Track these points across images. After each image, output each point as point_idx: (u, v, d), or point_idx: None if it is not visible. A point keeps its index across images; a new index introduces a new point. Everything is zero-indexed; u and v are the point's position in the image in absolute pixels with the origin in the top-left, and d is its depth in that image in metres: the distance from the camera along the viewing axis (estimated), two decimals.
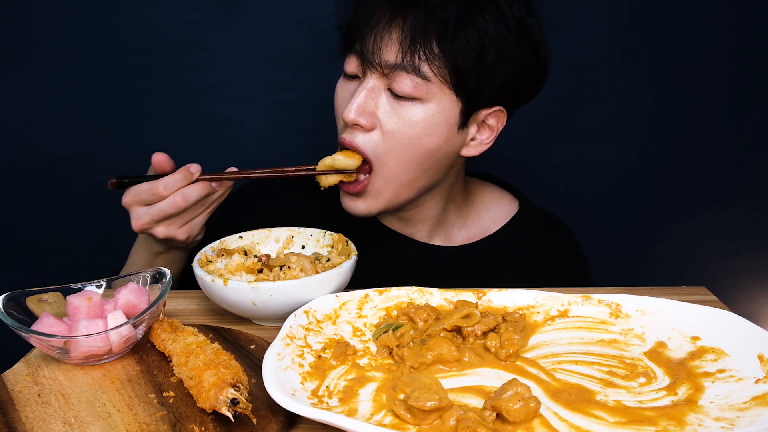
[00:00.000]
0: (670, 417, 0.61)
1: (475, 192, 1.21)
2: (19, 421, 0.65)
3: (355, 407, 0.65)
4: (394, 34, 0.95)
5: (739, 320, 0.73)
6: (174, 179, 0.93)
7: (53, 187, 1.55)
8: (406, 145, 0.98)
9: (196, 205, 0.96)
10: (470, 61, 0.94)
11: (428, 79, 0.95)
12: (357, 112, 0.97)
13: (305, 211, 1.17)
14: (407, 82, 0.95)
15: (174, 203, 0.93)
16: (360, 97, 0.97)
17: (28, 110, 1.50)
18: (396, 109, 0.97)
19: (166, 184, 0.93)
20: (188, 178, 0.94)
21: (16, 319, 0.74)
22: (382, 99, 0.98)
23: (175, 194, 0.93)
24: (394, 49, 0.95)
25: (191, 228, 0.97)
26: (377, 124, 0.99)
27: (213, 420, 0.64)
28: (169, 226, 0.95)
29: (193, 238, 1.00)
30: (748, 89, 1.49)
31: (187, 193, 0.93)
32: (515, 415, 0.60)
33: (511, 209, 1.20)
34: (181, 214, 0.95)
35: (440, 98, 0.97)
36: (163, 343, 0.76)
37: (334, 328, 0.80)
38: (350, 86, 1.02)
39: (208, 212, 0.99)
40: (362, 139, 0.99)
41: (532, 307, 0.84)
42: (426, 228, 1.16)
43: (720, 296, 0.92)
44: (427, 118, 0.97)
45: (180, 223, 0.96)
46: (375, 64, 0.96)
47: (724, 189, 1.58)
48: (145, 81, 1.48)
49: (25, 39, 1.45)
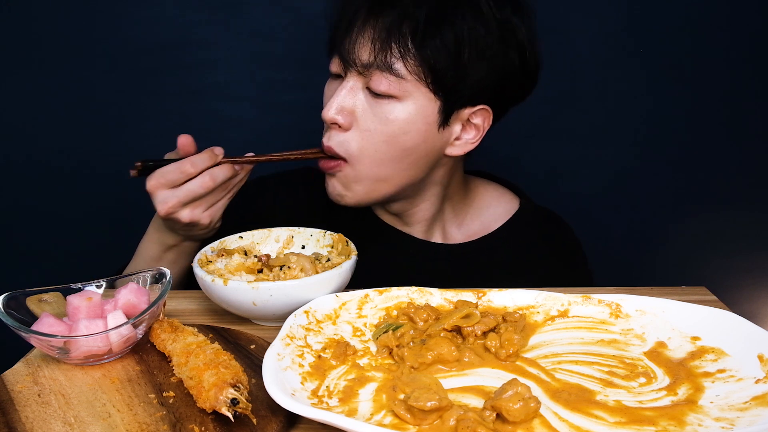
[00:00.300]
0: (670, 417, 0.61)
1: (476, 190, 1.21)
2: (19, 421, 0.65)
3: (355, 407, 0.65)
4: (367, 34, 0.96)
5: (739, 320, 0.73)
6: (201, 158, 0.94)
7: (53, 187, 1.55)
8: (381, 142, 0.99)
9: (220, 188, 0.97)
10: (445, 59, 0.94)
11: (402, 77, 0.96)
12: (336, 111, 0.99)
13: (305, 206, 1.18)
14: (382, 80, 0.96)
15: (203, 183, 0.94)
16: (339, 96, 0.99)
17: (29, 110, 1.50)
18: (373, 108, 0.98)
19: (194, 162, 0.93)
20: (213, 159, 0.95)
21: (16, 319, 0.74)
22: (360, 98, 0.99)
23: (204, 174, 0.94)
24: (367, 48, 0.96)
25: (214, 212, 0.98)
26: (354, 122, 1.00)
27: (213, 420, 0.64)
28: (194, 209, 0.96)
29: (214, 223, 1.00)
30: (748, 89, 1.49)
31: (215, 173, 0.94)
32: (515, 415, 0.60)
33: (511, 207, 1.21)
34: (206, 197, 0.96)
35: (417, 96, 0.97)
36: (163, 343, 0.76)
37: (334, 328, 0.80)
38: (333, 86, 1.03)
39: (229, 197, 1.00)
40: (337, 140, 1.01)
41: (532, 307, 0.84)
42: (423, 226, 1.16)
43: (720, 296, 0.92)
44: (403, 116, 0.98)
45: (205, 206, 0.97)
46: (351, 63, 0.97)
47: (724, 189, 1.58)
48: (145, 81, 1.48)
49: (25, 39, 1.45)
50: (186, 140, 0.97)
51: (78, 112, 1.50)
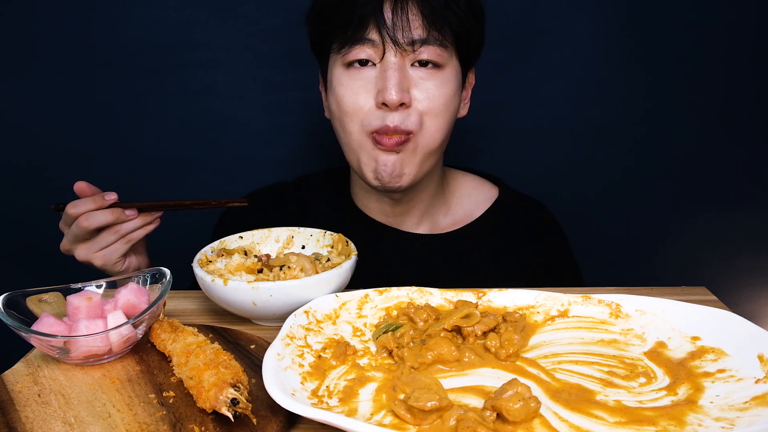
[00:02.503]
0: (670, 417, 0.61)
1: (455, 180, 1.25)
2: (19, 421, 0.65)
3: (355, 407, 0.65)
4: (413, 11, 0.98)
5: (739, 320, 0.73)
6: (81, 201, 1.00)
7: (53, 187, 1.54)
8: (442, 109, 1.03)
9: (108, 232, 1.01)
10: (465, 24, 1.02)
11: (447, 47, 1.01)
12: (399, 92, 0.98)
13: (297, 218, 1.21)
14: (432, 52, 0.99)
15: (78, 224, 0.99)
16: (395, 77, 0.98)
17: (28, 110, 1.50)
18: (426, 81, 1.01)
19: (74, 204, 0.99)
20: (98, 202, 0.99)
21: (16, 319, 0.74)
22: (412, 73, 1.01)
23: (81, 216, 0.98)
24: (418, 24, 0.98)
25: (107, 254, 1.02)
26: (414, 98, 1.01)
27: (213, 420, 0.64)
28: (85, 250, 1.01)
29: (110, 266, 1.04)
30: (748, 89, 1.49)
31: (91, 216, 0.99)
32: (515, 415, 0.60)
33: (491, 195, 1.24)
34: (94, 239, 1.01)
35: (452, 64, 1.04)
36: (163, 343, 0.76)
37: (334, 328, 0.80)
38: (364, 74, 1.01)
39: (124, 243, 1.03)
40: (402, 117, 1.00)
41: (532, 307, 0.84)
42: (416, 215, 1.19)
43: (720, 296, 0.92)
44: (449, 82, 1.03)
45: (95, 247, 1.01)
46: (401, 42, 0.98)
47: (724, 189, 1.57)
48: (145, 81, 1.48)
49: (25, 39, 1.45)
50: (80, 186, 1.01)
51: (78, 112, 1.50)
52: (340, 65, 1.03)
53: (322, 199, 1.25)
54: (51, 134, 1.51)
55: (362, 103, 1.01)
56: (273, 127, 1.53)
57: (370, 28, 0.99)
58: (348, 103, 1.02)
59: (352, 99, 1.02)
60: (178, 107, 1.50)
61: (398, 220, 1.19)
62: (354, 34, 0.99)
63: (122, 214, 1.00)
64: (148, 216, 1.04)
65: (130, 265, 1.07)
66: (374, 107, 1.00)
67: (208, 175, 1.55)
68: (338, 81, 1.04)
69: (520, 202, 1.25)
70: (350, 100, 1.02)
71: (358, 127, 1.03)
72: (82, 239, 1.01)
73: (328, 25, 1.03)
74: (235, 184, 1.52)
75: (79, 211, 0.98)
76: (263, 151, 1.55)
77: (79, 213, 0.98)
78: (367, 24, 0.98)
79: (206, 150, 1.53)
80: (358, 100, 1.01)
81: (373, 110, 1.01)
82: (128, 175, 1.54)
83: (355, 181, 1.21)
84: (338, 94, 1.04)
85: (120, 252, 1.03)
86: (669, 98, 1.50)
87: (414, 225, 1.20)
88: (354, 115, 1.02)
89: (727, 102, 1.50)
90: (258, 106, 1.51)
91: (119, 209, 1.00)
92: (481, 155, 1.56)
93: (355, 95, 1.02)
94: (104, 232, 1.01)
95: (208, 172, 1.55)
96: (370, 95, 1.01)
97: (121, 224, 1.01)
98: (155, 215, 1.05)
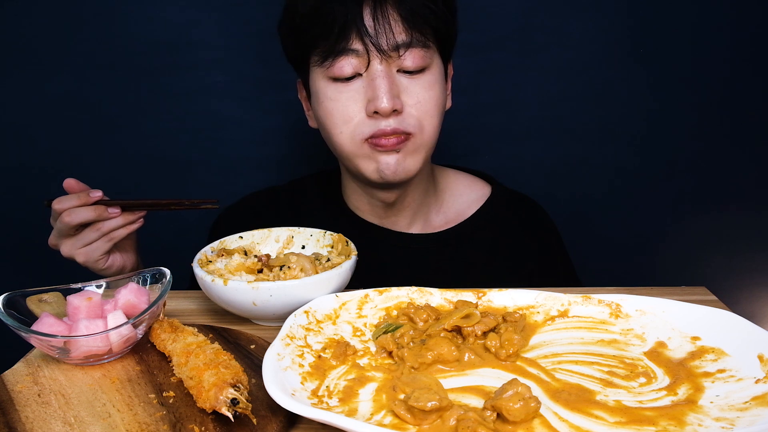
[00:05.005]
0: (670, 417, 0.61)
1: (447, 179, 1.25)
2: (19, 421, 0.65)
3: (355, 407, 0.65)
4: (391, 16, 0.97)
5: (739, 320, 0.73)
6: (67, 197, 1.01)
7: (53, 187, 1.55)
8: (434, 108, 1.03)
9: (90, 229, 1.02)
10: (444, 20, 1.01)
11: (429, 47, 1.01)
12: (391, 100, 0.97)
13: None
14: (416, 56, 0.99)
15: (61, 219, 1.00)
16: (385, 86, 0.97)
17: (27, 110, 1.50)
18: (414, 83, 1.01)
19: (60, 200, 1.00)
20: (82, 199, 1.00)
21: (16, 319, 0.74)
22: (399, 79, 1.00)
23: (64, 212, 1.00)
24: (399, 29, 0.97)
25: (89, 252, 1.03)
26: (405, 102, 1.01)
27: (213, 420, 0.64)
28: (69, 246, 1.03)
29: (92, 263, 1.05)
30: (748, 89, 1.49)
31: (73, 212, 1.00)
32: (515, 415, 0.60)
33: (483, 194, 1.24)
34: (77, 236, 1.02)
35: (435, 62, 1.04)
36: (163, 343, 0.76)
37: (334, 328, 0.80)
38: (351, 86, 1.00)
39: (106, 240, 1.03)
40: (398, 121, 1.00)
41: (532, 307, 0.84)
42: (408, 214, 1.19)
43: (720, 296, 0.92)
44: (436, 82, 1.03)
45: (78, 243, 1.02)
46: (386, 48, 0.97)
47: (724, 189, 1.57)
48: (145, 81, 1.48)
49: (24, 39, 1.45)
50: (69, 182, 1.03)
51: (77, 113, 1.50)
52: (323, 78, 1.01)
53: (314, 203, 1.25)
54: (50, 133, 1.51)
55: (352, 114, 1.00)
56: (273, 127, 1.53)
57: (352, 37, 0.96)
58: (337, 116, 1.01)
59: (340, 111, 1.01)
60: (177, 107, 1.50)
61: (390, 220, 1.19)
62: (336, 45, 0.97)
63: (105, 212, 1.01)
64: (131, 215, 1.04)
65: (113, 263, 1.07)
66: (365, 117, 1.00)
67: (207, 175, 1.55)
68: (324, 95, 1.02)
69: (513, 200, 1.25)
70: (339, 112, 1.01)
71: (350, 137, 1.02)
72: (66, 235, 1.02)
73: (306, 36, 1.00)
74: (234, 183, 1.52)
75: (63, 207, 0.99)
76: (263, 151, 1.55)
77: (63, 209, 0.99)
78: (349, 34, 0.96)
79: (205, 150, 1.53)
80: (348, 112, 1.00)
81: (363, 120, 1.00)
82: (127, 174, 1.54)
83: (347, 183, 1.20)
84: (326, 107, 1.02)
85: (102, 250, 1.03)
86: (669, 98, 1.50)
87: (406, 225, 1.20)
88: (344, 127, 1.02)
89: (727, 102, 1.51)
90: (258, 106, 1.51)
91: (102, 207, 1.01)
92: (481, 155, 1.56)
93: (344, 107, 1.00)
94: (87, 229, 1.02)
95: (207, 172, 1.55)
96: (360, 105, 1.00)
97: (103, 222, 1.02)
98: (138, 215, 1.05)
